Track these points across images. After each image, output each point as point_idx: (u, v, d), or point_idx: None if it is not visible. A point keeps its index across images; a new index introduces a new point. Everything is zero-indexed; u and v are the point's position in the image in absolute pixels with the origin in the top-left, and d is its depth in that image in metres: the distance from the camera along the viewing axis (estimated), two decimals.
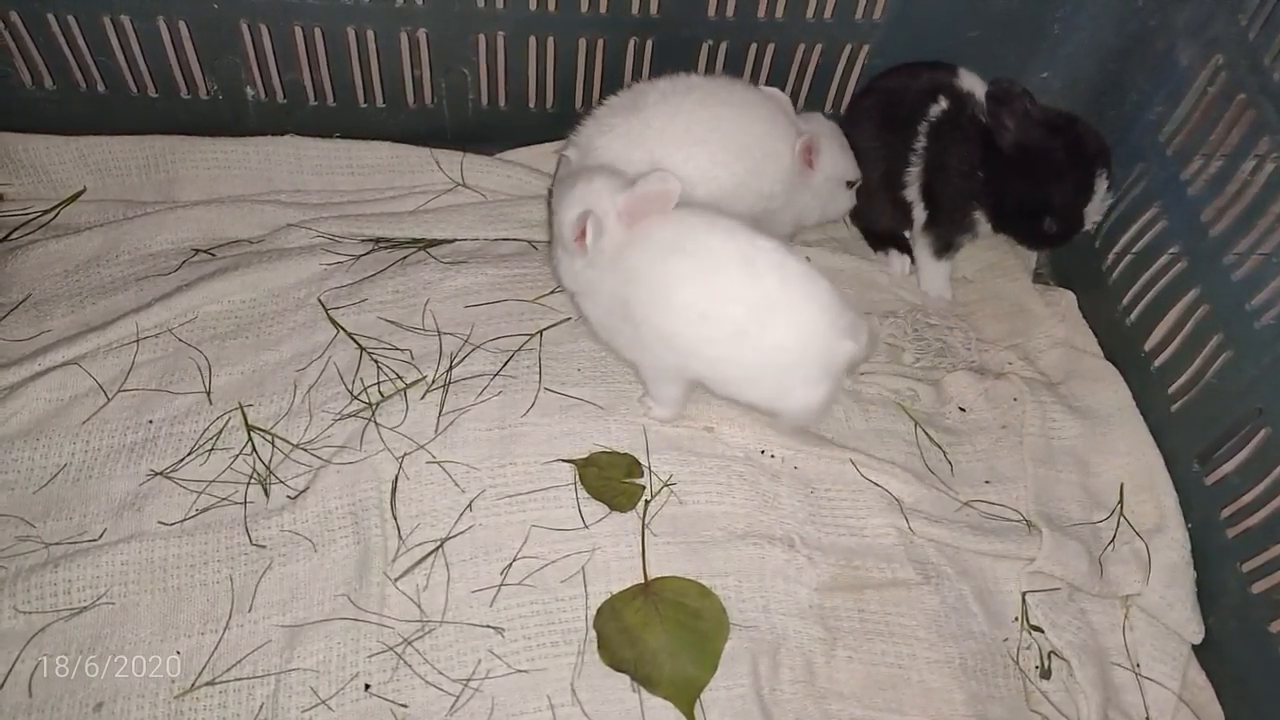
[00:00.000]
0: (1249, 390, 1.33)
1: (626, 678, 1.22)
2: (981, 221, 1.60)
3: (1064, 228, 1.52)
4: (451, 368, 1.46)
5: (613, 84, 1.70)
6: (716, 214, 1.33)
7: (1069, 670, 1.29)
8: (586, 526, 1.32)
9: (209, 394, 1.44)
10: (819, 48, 1.68)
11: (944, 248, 1.65)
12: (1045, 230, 1.53)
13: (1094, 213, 1.51)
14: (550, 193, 1.45)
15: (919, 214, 1.65)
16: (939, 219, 1.63)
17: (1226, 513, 1.36)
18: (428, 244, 1.64)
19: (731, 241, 1.28)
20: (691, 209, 1.33)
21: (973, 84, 1.59)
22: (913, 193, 1.63)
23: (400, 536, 1.30)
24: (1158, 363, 1.51)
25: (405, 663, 1.21)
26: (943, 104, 1.58)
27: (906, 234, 1.74)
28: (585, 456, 1.38)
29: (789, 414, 1.36)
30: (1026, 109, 1.48)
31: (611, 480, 1.36)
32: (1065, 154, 1.47)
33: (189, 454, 1.38)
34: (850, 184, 1.65)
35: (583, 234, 1.28)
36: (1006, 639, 1.31)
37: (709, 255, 1.27)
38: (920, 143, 1.60)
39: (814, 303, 1.27)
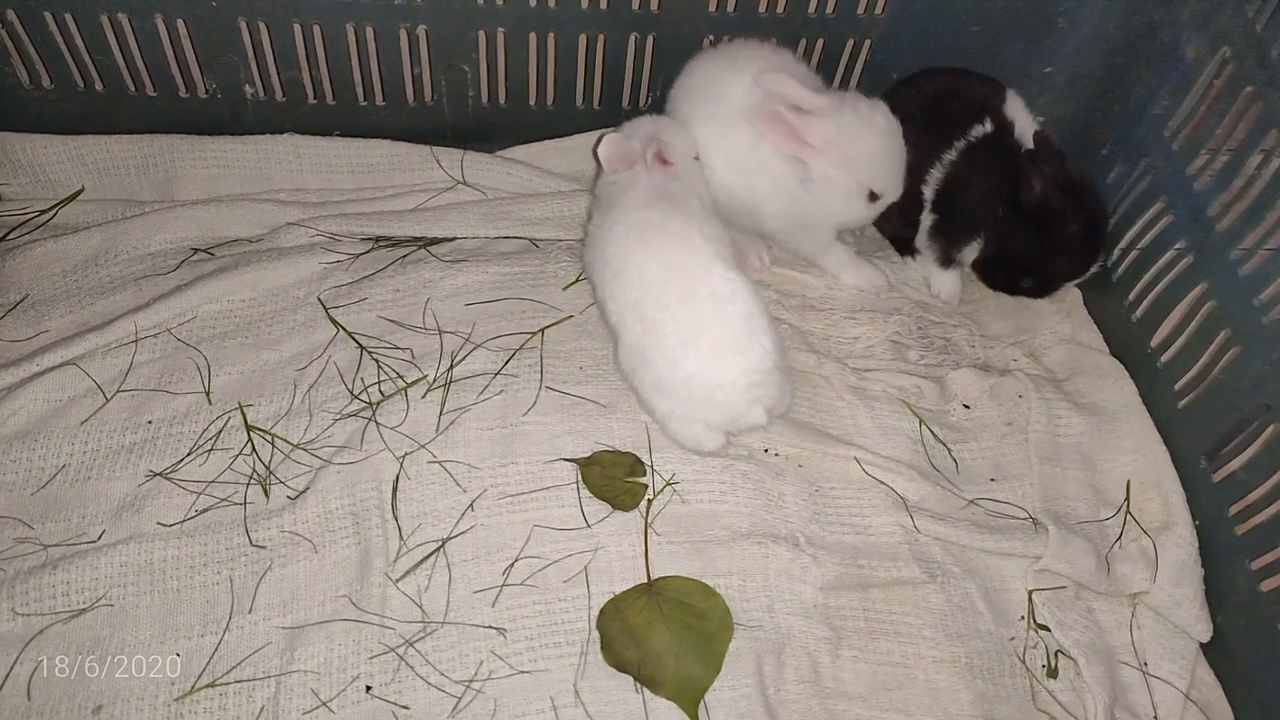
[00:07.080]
0: (1257, 386, 1.32)
1: (630, 679, 1.21)
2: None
3: (1037, 290, 1.60)
4: (452, 367, 1.45)
5: (613, 80, 1.69)
6: (707, 228, 1.36)
7: (1076, 669, 1.28)
8: (589, 526, 1.32)
9: (208, 394, 1.44)
10: (821, 42, 1.67)
11: (946, 260, 1.64)
12: (1020, 285, 1.59)
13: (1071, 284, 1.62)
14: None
15: (926, 218, 1.63)
16: (944, 229, 1.61)
17: (1235, 509, 1.35)
18: (428, 242, 1.63)
19: (685, 257, 1.32)
20: (693, 215, 1.37)
21: (1017, 111, 1.59)
22: (927, 195, 1.62)
23: (401, 537, 1.30)
24: (1164, 359, 1.50)
25: (407, 664, 1.20)
26: (987, 127, 1.57)
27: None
28: (587, 455, 1.37)
29: (673, 440, 1.38)
30: (1056, 174, 1.50)
31: (614, 479, 1.35)
32: (1079, 232, 1.53)
33: (188, 454, 1.37)
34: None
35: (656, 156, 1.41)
36: (1013, 638, 1.31)
37: (657, 263, 1.32)
38: (950, 155, 1.58)
39: (740, 357, 1.28)
